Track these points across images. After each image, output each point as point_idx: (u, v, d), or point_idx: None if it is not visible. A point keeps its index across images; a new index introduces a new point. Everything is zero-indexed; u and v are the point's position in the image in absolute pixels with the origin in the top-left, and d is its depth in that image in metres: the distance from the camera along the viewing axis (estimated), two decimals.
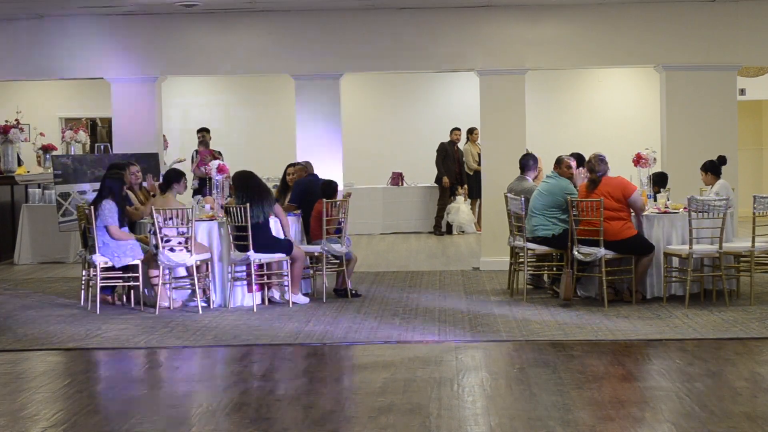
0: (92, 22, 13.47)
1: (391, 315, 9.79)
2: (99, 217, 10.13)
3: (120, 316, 10.00)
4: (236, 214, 10.08)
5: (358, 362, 8.06)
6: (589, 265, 10.22)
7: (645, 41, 13.13)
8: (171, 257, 10.02)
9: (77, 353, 8.46)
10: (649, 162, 10.85)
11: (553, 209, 10.44)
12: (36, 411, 6.65)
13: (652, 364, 7.73)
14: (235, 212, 10.09)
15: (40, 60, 13.63)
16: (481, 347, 8.39)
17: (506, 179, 11.72)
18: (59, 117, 19.71)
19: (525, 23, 13.17)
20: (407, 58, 13.42)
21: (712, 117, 13.04)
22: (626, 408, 6.43)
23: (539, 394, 6.78)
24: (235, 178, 10.39)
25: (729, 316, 9.36)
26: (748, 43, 13.03)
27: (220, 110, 19.90)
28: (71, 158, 13.96)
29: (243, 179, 10.32)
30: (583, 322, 9.25)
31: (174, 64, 13.66)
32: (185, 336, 8.94)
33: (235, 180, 10.38)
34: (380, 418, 6.27)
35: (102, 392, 7.15)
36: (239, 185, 10.26)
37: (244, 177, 10.35)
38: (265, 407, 6.64)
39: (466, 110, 18.43)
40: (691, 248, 9.81)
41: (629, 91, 19.52)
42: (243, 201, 10.06)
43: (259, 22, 13.44)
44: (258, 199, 10.11)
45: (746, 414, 6.23)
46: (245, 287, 10.43)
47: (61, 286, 12.08)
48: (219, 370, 7.90)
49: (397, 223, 18.29)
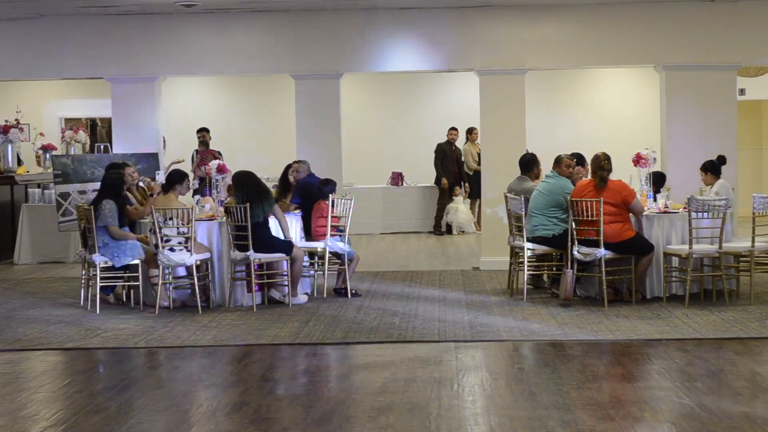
0: (92, 21, 13.47)
1: (390, 315, 9.78)
2: (99, 217, 10.12)
3: (120, 315, 9.99)
4: (236, 213, 10.06)
5: (357, 362, 8.05)
6: (588, 264, 10.20)
7: (645, 41, 13.12)
8: (171, 257, 10.01)
9: (77, 353, 8.45)
10: (649, 162, 10.82)
11: (554, 209, 10.42)
12: (36, 411, 6.64)
13: (652, 364, 7.69)
14: (235, 212, 10.07)
15: (40, 60, 13.65)
16: (481, 347, 8.38)
17: (506, 179, 11.71)
18: (59, 117, 19.70)
19: (525, 23, 13.17)
20: (407, 58, 13.42)
21: (711, 117, 13.04)
22: (626, 408, 6.42)
23: (539, 394, 6.77)
24: (235, 178, 10.39)
25: (729, 316, 9.34)
26: (748, 42, 13.02)
27: (220, 110, 19.86)
28: (71, 158, 13.96)
29: (243, 179, 10.32)
30: (583, 321, 9.24)
31: (174, 64, 13.65)
32: (185, 336, 8.93)
33: (235, 180, 10.37)
34: (380, 417, 6.27)
35: (102, 392, 7.12)
36: (239, 185, 10.26)
37: (243, 177, 10.35)
38: (265, 407, 6.62)
39: (466, 110, 18.41)
40: (691, 248, 9.80)
41: (629, 91, 19.50)
42: (243, 201, 10.05)
43: (259, 21, 13.44)
44: (257, 199, 10.10)
45: (746, 414, 6.23)
46: (245, 287, 10.40)
47: (60, 286, 12.07)
48: (219, 370, 7.88)
49: (396, 223, 18.28)
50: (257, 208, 10.07)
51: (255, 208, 10.04)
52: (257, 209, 10.07)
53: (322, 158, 12.98)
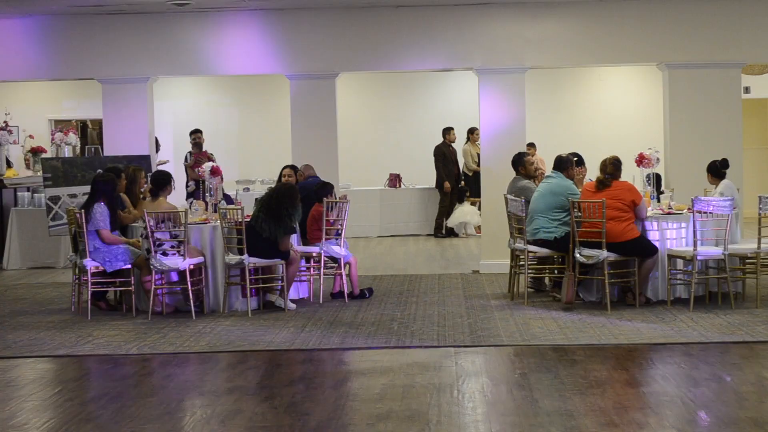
0: (82, 21, 13.39)
1: (389, 319, 9.74)
2: (91, 221, 10.08)
3: (111, 322, 9.95)
4: (234, 217, 10.02)
5: (355, 368, 8.03)
6: (591, 267, 10.16)
7: (647, 39, 13.08)
8: (164, 261, 9.94)
9: (68, 360, 8.43)
10: (653, 162, 10.82)
11: (557, 210, 10.37)
12: (26, 420, 6.61)
13: (656, 369, 7.68)
14: (233, 215, 10.02)
15: (28, 60, 13.57)
16: (482, 352, 8.36)
17: (506, 180, 11.66)
18: (49, 119, 19.70)
19: (525, 20, 13.12)
20: (404, 57, 13.37)
21: (716, 116, 12.99)
22: (630, 414, 6.38)
23: (541, 400, 6.74)
24: (275, 190, 10.26)
25: (735, 320, 9.32)
26: (753, 40, 12.98)
27: (213, 111, 19.90)
28: (61, 161, 13.88)
29: (272, 195, 10.19)
30: (586, 325, 9.22)
31: (166, 64, 13.58)
32: (178, 342, 8.89)
33: (273, 190, 10.27)
34: (378, 425, 6.24)
35: (93, 400, 7.11)
36: (270, 196, 10.16)
37: (275, 192, 10.21)
38: (261, 415, 6.58)
39: (465, 110, 18.44)
40: (696, 250, 9.78)
41: (631, 90, 19.50)
42: (260, 211, 10.01)
43: (253, 20, 13.39)
44: (272, 220, 9.99)
45: (753, 419, 6.19)
46: (240, 292, 10.33)
47: (51, 292, 12.02)
48: (213, 377, 7.85)
49: (394, 226, 18.22)
50: (268, 223, 9.97)
51: (266, 221, 9.96)
52: (267, 224, 9.97)
53: (317, 160, 12.92)
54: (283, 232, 10.06)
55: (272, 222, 9.99)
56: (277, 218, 10.01)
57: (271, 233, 10.02)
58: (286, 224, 10.05)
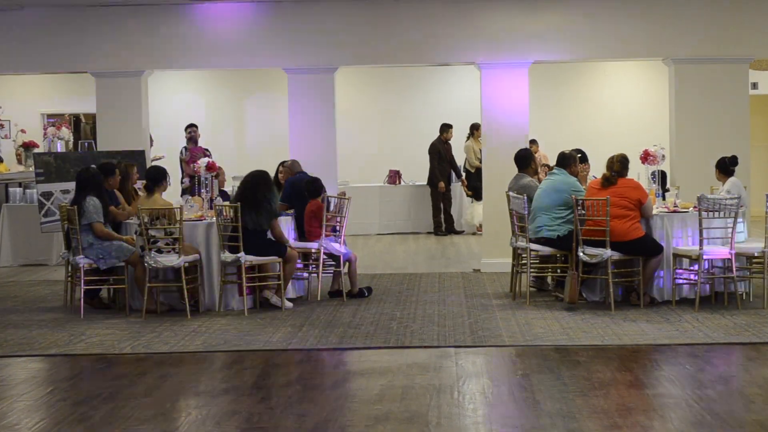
0: (76, 13, 13.34)
1: (388, 319, 9.71)
2: (83, 215, 10.01)
3: (105, 320, 9.92)
4: (228, 214, 9.95)
5: (353, 368, 8.00)
6: (594, 266, 10.11)
7: (653, 33, 13.04)
8: (158, 259, 9.88)
9: (60, 359, 8.41)
10: (658, 159, 10.80)
11: (560, 208, 10.29)
12: (17, 420, 6.58)
13: (660, 370, 7.65)
14: (228, 212, 9.95)
15: (21, 53, 13.50)
16: (482, 353, 8.32)
17: (508, 176, 11.58)
18: (41, 113, 19.74)
19: (528, 14, 13.08)
20: (405, 50, 13.32)
21: (723, 112, 12.97)
22: (634, 416, 6.35)
23: (543, 401, 6.72)
24: (246, 180, 10.22)
25: (741, 320, 9.29)
26: (761, 35, 12.96)
27: (209, 106, 19.92)
28: (54, 156, 13.82)
29: (246, 180, 10.18)
30: (589, 326, 9.18)
31: (161, 58, 13.52)
32: (173, 341, 8.85)
33: (244, 181, 10.22)
34: (377, 426, 6.22)
35: (86, 400, 7.05)
36: (242, 184, 10.15)
37: (248, 178, 10.21)
38: (257, 416, 6.55)
39: (466, 106, 18.45)
40: (702, 249, 9.72)
41: (637, 85, 19.51)
42: (237, 200, 9.95)
43: (250, 13, 13.34)
44: (252, 207, 9.97)
45: (759, 422, 6.16)
46: (236, 290, 10.26)
47: (43, 290, 12.01)
48: (208, 377, 7.80)
49: (394, 223, 18.24)
50: (249, 214, 9.93)
51: (247, 213, 9.92)
52: (248, 216, 9.93)
53: (316, 156, 12.96)
54: (267, 218, 10.03)
55: (252, 211, 9.97)
56: (257, 205, 9.98)
57: (255, 223, 9.98)
58: (265, 209, 10.03)
